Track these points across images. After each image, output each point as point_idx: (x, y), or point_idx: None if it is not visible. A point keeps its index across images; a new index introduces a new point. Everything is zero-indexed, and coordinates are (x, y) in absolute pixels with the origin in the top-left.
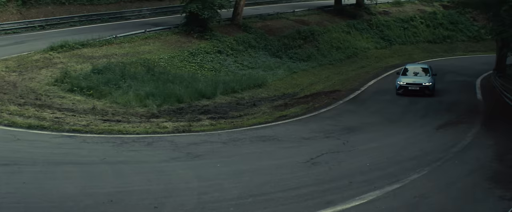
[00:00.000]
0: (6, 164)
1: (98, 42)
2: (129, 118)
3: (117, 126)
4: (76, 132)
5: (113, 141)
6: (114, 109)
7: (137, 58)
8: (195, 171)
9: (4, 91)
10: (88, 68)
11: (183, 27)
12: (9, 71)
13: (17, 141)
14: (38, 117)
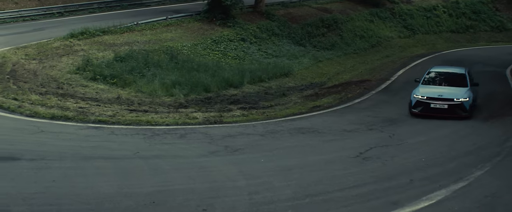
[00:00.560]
0: (33, 159)
1: (119, 29)
2: (156, 108)
3: (144, 116)
4: (102, 123)
5: (143, 133)
6: (140, 99)
7: (160, 46)
8: (238, 167)
9: (25, 80)
10: (110, 55)
11: (205, 14)
12: (29, 58)
13: (41, 133)
14: (61, 107)
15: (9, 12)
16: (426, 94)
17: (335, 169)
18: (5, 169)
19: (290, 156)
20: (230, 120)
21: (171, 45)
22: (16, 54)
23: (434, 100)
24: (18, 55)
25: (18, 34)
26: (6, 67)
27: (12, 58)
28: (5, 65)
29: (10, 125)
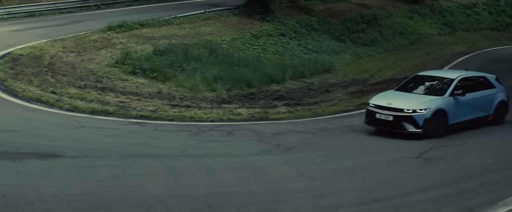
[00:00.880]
0: (76, 157)
1: (157, 22)
2: (198, 104)
3: (187, 112)
4: (144, 119)
5: (188, 129)
6: (181, 93)
7: (199, 40)
8: (295, 167)
9: (63, 73)
10: (149, 49)
11: (244, 8)
12: (66, 51)
13: (82, 129)
14: (101, 101)
15: (46, 4)
16: (377, 102)
17: (398, 171)
18: (48, 167)
19: (346, 156)
20: (276, 116)
21: (210, 39)
22: (54, 46)
23: (381, 109)
24: (55, 47)
25: (55, 27)
26: (44, 60)
27: (49, 51)
28: (43, 57)
29: (50, 120)
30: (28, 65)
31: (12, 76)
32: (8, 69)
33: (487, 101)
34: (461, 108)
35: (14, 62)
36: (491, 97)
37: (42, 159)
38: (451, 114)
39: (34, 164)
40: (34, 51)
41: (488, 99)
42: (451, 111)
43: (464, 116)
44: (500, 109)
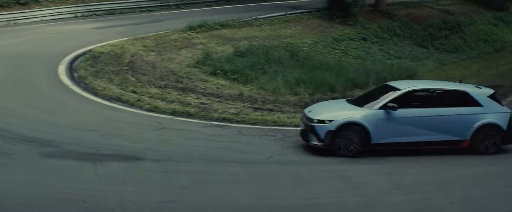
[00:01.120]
0: (158, 160)
1: (238, 23)
2: (281, 107)
3: (270, 116)
4: (226, 121)
5: (272, 134)
6: (263, 96)
7: (280, 42)
8: (388, 178)
9: (143, 72)
10: (229, 50)
11: (325, 11)
12: (147, 50)
13: (164, 130)
14: (182, 102)
15: (126, 3)
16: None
17: (497, 185)
18: (129, 171)
19: (441, 167)
20: None
21: (291, 42)
22: (134, 45)
23: (304, 119)
24: (136, 46)
25: (136, 25)
26: (124, 58)
27: (130, 49)
28: (123, 56)
29: (131, 120)
30: (109, 63)
31: (92, 74)
32: (88, 67)
33: (458, 122)
34: (396, 126)
35: (94, 60)
36: (469, 117)
37: (123, 162)
38: (376, 131)
39: (115, 167)
40: (114, 49)
41: (462, 120)
42: (377, 128)
43: (397, 136)
44: (485, 134)
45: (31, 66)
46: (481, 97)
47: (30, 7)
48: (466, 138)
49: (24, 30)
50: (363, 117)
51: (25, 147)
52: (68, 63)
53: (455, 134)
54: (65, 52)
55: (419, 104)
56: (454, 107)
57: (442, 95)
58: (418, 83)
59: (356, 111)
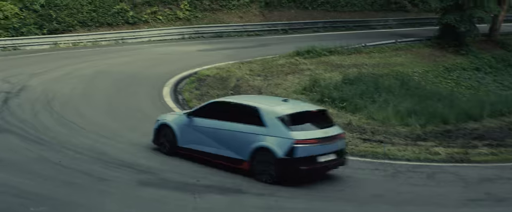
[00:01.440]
0: (261, 194)
1: (346, 50)
2: (391, 139)
3: (380, 148)
4: None
5: (383, 168)
6: (372, 127)
7: (389, 70)
8: None
9: None
10: (337, 77)
11: (437, 40)
12: (253, 74)
13: None
14: None
15: (234, 26)
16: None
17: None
18: (229, 206)
19: None
20: (478, 158)
21: (401, 70)
22: (241, 69)
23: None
24: (242, 70)
25: (243, 49)
26: (230, 82)
27: (236, 73)
28: (229, 79)
29: None
30: (214, 86)
31: (197, 97)
32: (193, 90)
33: (237, 140)
34: (192, 134)
35: (200, 82)
36: (247, 136)
37: (223, 195)
38: (180, 135)
39: (215, 200)
40: (220, 72)
41: (241, 138)
42: (181, 133)
43: (195, 144)
44: (261, 158)
45: (137, 86)
46: (269, 117)
47: (139, 27)
48: (244, 159)
49: (131, 50)
50: (172, 120)
51: (123, 173)
52: (173, 85)
53: (235, 152)
54: (171, 73)
55: (217, 116)
56: (237, 123)
57: (238, 109)
58: (244, 97)
59: (175, 115)
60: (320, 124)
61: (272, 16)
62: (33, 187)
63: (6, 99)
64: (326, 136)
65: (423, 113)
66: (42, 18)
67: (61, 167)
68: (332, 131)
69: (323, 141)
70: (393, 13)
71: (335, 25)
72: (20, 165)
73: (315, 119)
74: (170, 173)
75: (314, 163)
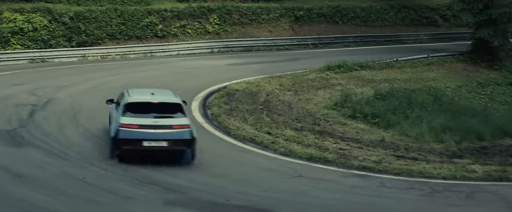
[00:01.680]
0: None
1: (378, 65)
2: (426, 156)
3: (414, 165)
4: (367, 170)
5: (419, 187)
6: (406, 143)
7: (422, 85)
8: None
9: (279, 112)
10: (369, 92)
11: (469, 55)
12: (283, 89)
13: (299, 179)
14: (319, 147)
15: (263, 40)
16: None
17: None
18: None
19: None
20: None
21: (433, 85)
22: (270, 83)
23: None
24: (272, 84)
25: (272, 63)
26: (260, 97)
27: (266, 88)
28: (259, 94)
29: (264, 165)
30: (243, 101)
31: (226, 112)
32: (222, 104)
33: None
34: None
35: (229, 97)
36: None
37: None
38: None
39: None
40: (250, 87)
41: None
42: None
43: None
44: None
45: None
46: (122, 104)
47: (168, 40)
48: None
49: (160, 63)
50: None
51: (150, 191)
52: (202, 99)
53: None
54: (200, 88)
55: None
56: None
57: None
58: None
59: None
60: (159, 114)
61: (302, 30)
62: (55, 204)
63: (32, 112)
64: (152, 124)
65: (457, 129)
66: (71, 30)
67: (85, 184)
68: (165, 122)
69: (148, 128)
70: (424, 27)
71: (366, 39)
72: (42, 181)
73: (156, 110)
74: (199, 192)
75: (138, 145)
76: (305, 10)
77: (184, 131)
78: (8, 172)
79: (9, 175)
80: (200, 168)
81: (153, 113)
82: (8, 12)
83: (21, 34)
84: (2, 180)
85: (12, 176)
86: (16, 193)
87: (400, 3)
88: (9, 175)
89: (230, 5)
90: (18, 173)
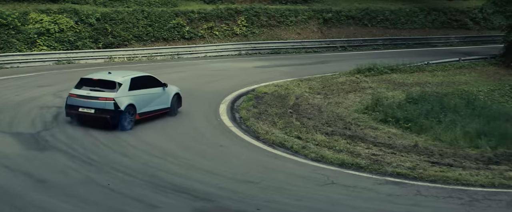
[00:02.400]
0: None
1: (408, 68)
2: (462, 162)
3: (450, 172)
4: (402, 177)
5: (457, 196)
6: (440, 149)
7: (454, 89)
8: None
9: (309, 116)
10: (400, 96)
11: (501, 58)
12: (313, 92)
13: (332, 186)
14: (351, 152)
15: (291, 42)
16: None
17: None
18: None
19: None
20: None
21: (466, 89)
22: (300, 86)
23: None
24: (301, 87)
25: (301, 66)
26: (289, 100)
27: (295, 91)
28: (288, 97)
29: (295, 171)
30: (272, 104)
31: (254, 115)
32: (251, 108)
33: None
34: None
35: (257, 100)
36: None
37: None
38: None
39: None
40: (278, 90)
41: None
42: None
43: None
44: None
45: (192, 102)
46: None
47: (195, 42)
48: None
49: (187, 65)
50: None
51: (177, 200)
52: (230, 103)
53: None
54: (228, 90)
55: None
56: None
57: None
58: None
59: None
60: (96, 88)
61: (330, 32)
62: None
63: (57, 115)
64: (84, 95)
65: (492, 134)
66: (98, 32)
67: (109, 191)
68: (94, 94)
69: (82, 97)
70: (454, 30)
71: (395, 42)
72: (65, 187)
73: (94, 84)
74: (228, 200)
75: (76, 110)
76: (333, 12)
77: (107, 103)
78: (30, 178)
79: (31, 181)
80: (229, 175)
81: (91, 87)
82: (35, 13)
83: (48, 35)
84: (24, 186)
85: (34, 182)
86: (37, 201)
87: (430, 5)
88: (31, 180)
89: (258, 7)
90: (41, 179)
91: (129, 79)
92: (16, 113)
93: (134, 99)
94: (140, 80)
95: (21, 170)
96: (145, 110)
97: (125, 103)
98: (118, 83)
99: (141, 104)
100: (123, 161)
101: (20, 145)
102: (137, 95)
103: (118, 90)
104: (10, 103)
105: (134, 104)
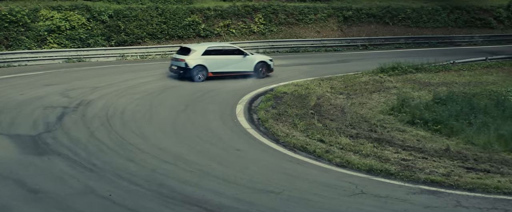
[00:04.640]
0: None
1: (434, 67)
2: (499, 168)
3: (488, 179)
4: (436, 185)
5: (503, 207)
6: (474, 153)
7: (481, 89)
8: None
9: (331, 117)
10: (427, 96)
11: None
12: (335, 92)
13: (361, 196)
14: (378, 157)
15: (311, 41)
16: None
17: None
18: None
19: None
20: None
21: (494, 90)
22: (321, 86)
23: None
24: (322, 87)
25: (321, 65)
26: (310, 100)
27: (316, 91)
28: (309, 97)
29: (320, 179)
30: (292, 105)
31: (273, 117)
32: (269, 108)
33: None
34: None
35: (276, 100)
36: None
37: None
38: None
39: None
40: (299, 90)
41: None
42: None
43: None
44: None
45: (207, 103)
46: None
47: (211, 40)
48: None
49: None
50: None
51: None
52: (247, 103)
53: None
54: (245, 90)
55: None
56: None
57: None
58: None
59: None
60: (183, 54)
61: (350, 31)
62: None
63: (62, 115)
64: (174, 57)
65: None
66: (110, 29)
67: (110, 203)
68: (179, 57)
69: (173, 60)
70: (478, 29)
71: (418, 41)
72: (60, 198)
73: (183, 51)
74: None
75: (171, 67)
76: (353, 10)
77: (181, 62)
78: (22, 187)
79: (23, 191)
80: (246, 184)
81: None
82: (46, 9)
83: (58, 32)
84: (14, 197)
85: (26, 193)
86: None
87: (452, 4)
88: (23, 191)
89: (276, 4)
90: (34, 188)
91: (205, 47)
92: (18, 113)
93: (206, 61)
94: (217, 49)
95: (13, 178)
96: (219, 70)
97: (194, 64)
98: (192, 49)
99: (214, 66)
100: (129, 167)
101: (17, 148)
102: (209, 59)
103: (190, 54)
104: (13, 102)
105: (204, 65)
